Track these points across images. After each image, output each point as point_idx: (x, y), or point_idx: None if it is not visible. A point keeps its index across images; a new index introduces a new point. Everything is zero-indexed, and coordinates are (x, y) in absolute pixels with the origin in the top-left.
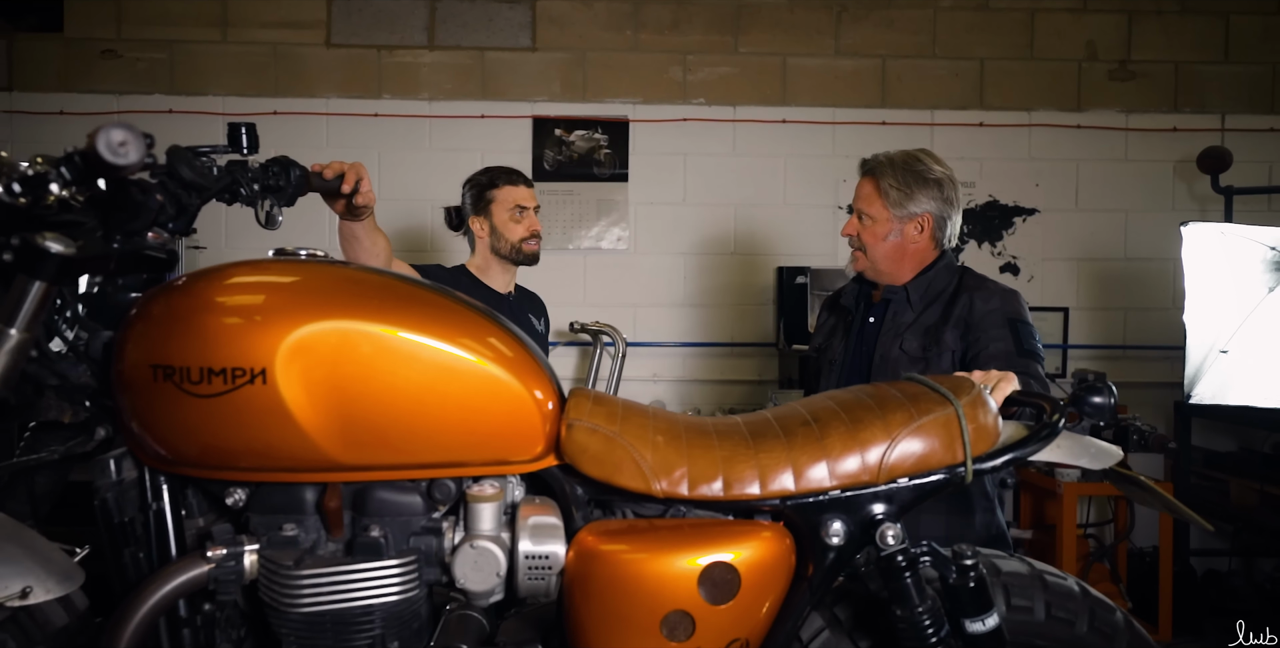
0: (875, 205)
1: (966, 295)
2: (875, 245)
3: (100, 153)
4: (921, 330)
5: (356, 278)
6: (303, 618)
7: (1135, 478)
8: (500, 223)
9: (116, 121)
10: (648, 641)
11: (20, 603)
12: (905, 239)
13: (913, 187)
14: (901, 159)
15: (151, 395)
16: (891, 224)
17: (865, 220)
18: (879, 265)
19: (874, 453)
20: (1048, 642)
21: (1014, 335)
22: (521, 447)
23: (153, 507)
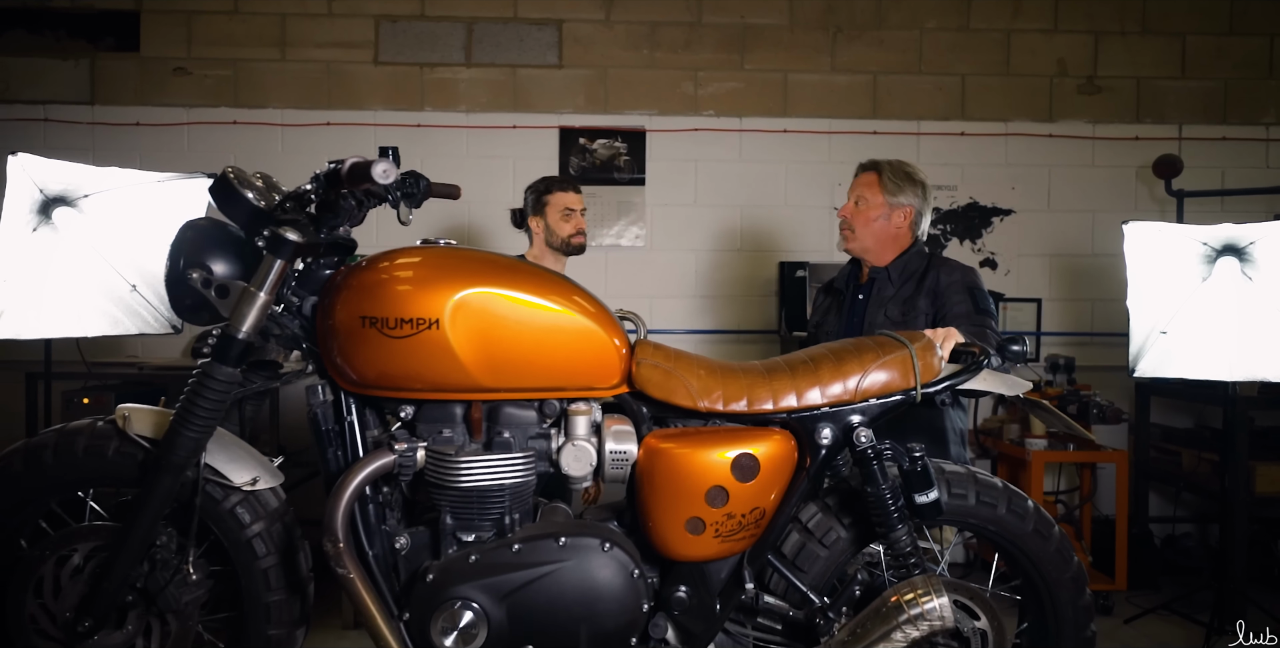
0: (873, 191)
1: (934, 271)
2: (865, 226)
3: (373, 175)
4: (900, 301)
5: (489, 258)
6: (458, 492)
7: (1040, 403)
8: (553, 222)
9: (380, 156)
10: (696, 507)
11: (251, 488)
12: (890, 224)
13: (904, 183)
14: (898, 163)
15: (358, 338)
16: (882, 209)
17: (861, 204)
18: (864, 243)
19: (852, 381)
20: (978, 520)
21: (971, 299)
22: (604, 378)
23: (346, 419)
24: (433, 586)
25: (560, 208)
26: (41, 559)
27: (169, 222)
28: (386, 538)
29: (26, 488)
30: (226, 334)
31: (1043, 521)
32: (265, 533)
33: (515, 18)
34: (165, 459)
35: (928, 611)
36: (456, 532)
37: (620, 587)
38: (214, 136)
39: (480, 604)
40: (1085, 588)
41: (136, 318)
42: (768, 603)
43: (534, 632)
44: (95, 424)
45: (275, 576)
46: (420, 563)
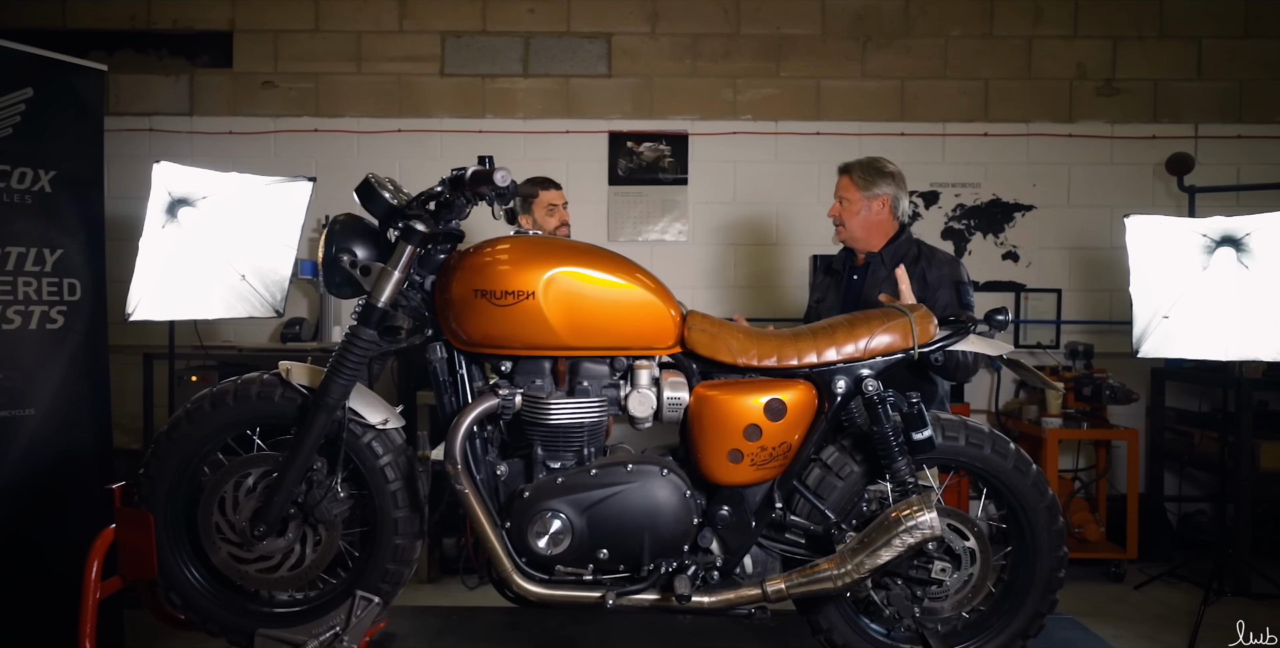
0: (849, 190)
1: (924, 262)
2: (851, 219)
3: (496, 181)
4: (893, 283)
5: (570, 244)
6: (548, 429)
7: (1018, 361)
8: (540, 217)
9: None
10: (735, 441)
11: (383, 427)
12: (872, 213)
13: (873, 176)
14: (866, 161)
15: (471, 307)
16: (861, 203)
17: (844, 203)
18: (855, 233)
19: (862, 342)
20: (967, 458)
21: (956, 294)
22: (662, 339)
23: (458, 372)
24: (529, 500)
25: (545, 205)
26: (224, 481)
27: (274, 219)
28: (489, 467)
29: (214, 424)
30: (369, 304)
31: (1021, 459)
32: (393, 463)
33: (568, 32)
34: (321, 401)
35: (920, 522)
36: (546, 460)
37: (675, 505)
38: (298, 143)
39: (566, 515)
40: (1058, 516)
41: (246, 303)
42: (794, 521)
43: (607, 538)
44: (263, 377)
45: (401, 496)
46: (514, 487)
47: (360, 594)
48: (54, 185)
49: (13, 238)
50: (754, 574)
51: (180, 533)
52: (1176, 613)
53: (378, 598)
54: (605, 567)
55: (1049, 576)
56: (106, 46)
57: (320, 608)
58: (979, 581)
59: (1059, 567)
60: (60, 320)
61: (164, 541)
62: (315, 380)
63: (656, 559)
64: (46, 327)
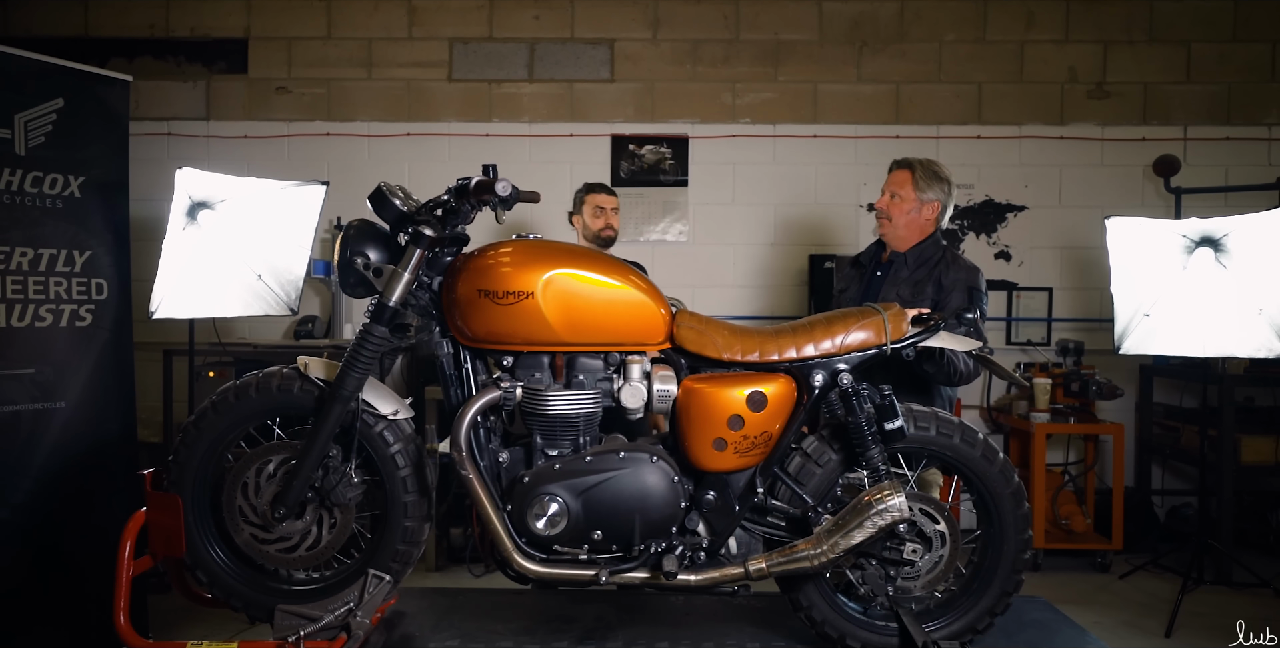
0: (907, 188)
1: (945, 265)
2: (899, 216)
3: (498, 192)
4: (912, 283)
5: (568, 248)
6: (546, 419)
7: (987, 358)
8: (587, 218)
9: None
10: (720, 430)
11: (393, 418)
12: (920, 216)
13: (933, 181)
14: (928, 162)
15: (475, 306)
16: (914, 203)
17: (895, 198)
18: (898, 231)
19: (838, 338)
20: (938, 447)
21: (969, 299)
22: (653, 336)
23: (465, 366)
24: (528, 485)
25: (592, 206)
26: (247, 467)
27: (289, 221)
28: (492, 454)
29: (237, 414)
30: (381, 303)
31: (989, 449)
32: (403, 451)
33: (572, 38)
34: (337, 392)
35: (890, 505)
36: (544, 448)
37: (664, 489)
38: (310, 147)
39: (563, 498)
40: (1024, 501)
41: (262, 302)
42: (774, 505)
43: (601, 520)
44: (283, 370)
45: (410, 482)
46: (516, 472)
47: (373, 573)
48: (83, 190)
49: (45, 240)
50: (738, 555)
51: (206, 515)
52: (1158, 601)
53: (389, 576)
54: (599, 547)
55: (1015, 557)
56: (127, 54)
57: (335, 586)
58: (949, 562)
59: (1024, 549)
60: (89, 318)
61: (191, 522)
62: (331, 374)
63: (647, 540)
64: (76, 324)
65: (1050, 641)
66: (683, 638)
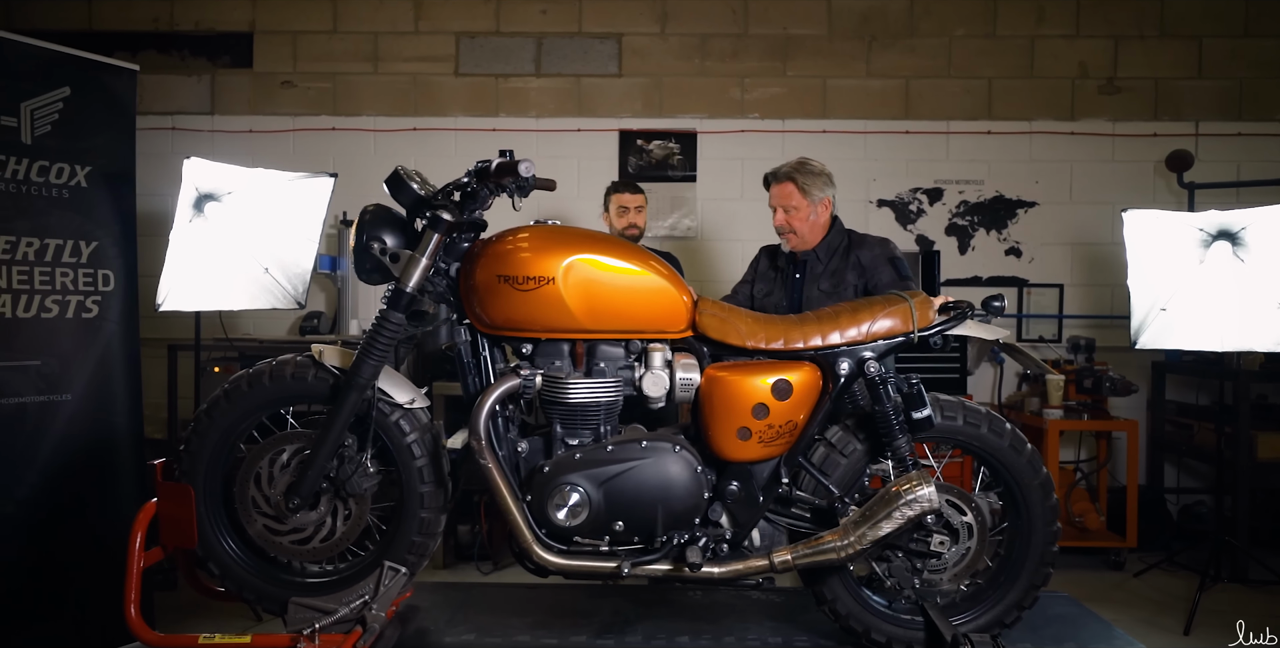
0: (795, 198)
1: (856, 248)
2: (801, 226)
3: (520, 172)
4: (829, 275)
5: (588, 233)
6: (566, 408)
7: (1014, 346)
8: (613, 216)
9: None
10: (744, 419)
11: (410, 406)
12: (819, 218)
13: (814, 180)
14: (798, 165)
15: (494, 292)
16: (809, 209)
17: (790, 212)
18: (805, 239)
19: (864, 326)
20: (965, 437)
21: (894, 269)
22: (674, 323)
23: (482, 354)
24: (549, 475)
25: (616, 206)
26: (260, 457)
27: (296, 214)
28: (511, 444)
29: (251, 403)
30: (398, 289)
31: (1017, 439)
32: (419, 440)
33: (580, 32)
34: (353, 380)
35: (919, 495)
36: (564, 437)
37: (687, 479)
38: (316, 141)
39: (584, 488)
40: (1051, 492)
41: (269, 295)
42: (799, 496)
43: (623, 510)
44: (296, 358)
45: (427, 472)
46: (534, 463)
47: (388, 565)
48: (89, 180)
49: (51, 230)
50: (761, 547)
51: (218, 506)
52: (1174, 599)
53: (404, 569)
54: (620, 538)
55: (1043, 550)
56: (131, 47)
57: (350, 578)
58: (976, 554)
59: (1052, 541)
60: (95, 310)
61: (203, 513)
62: (345, 362)
63: (669, 531)
64: (83, 316)
65: (1076, 635)
66: (703, 632)
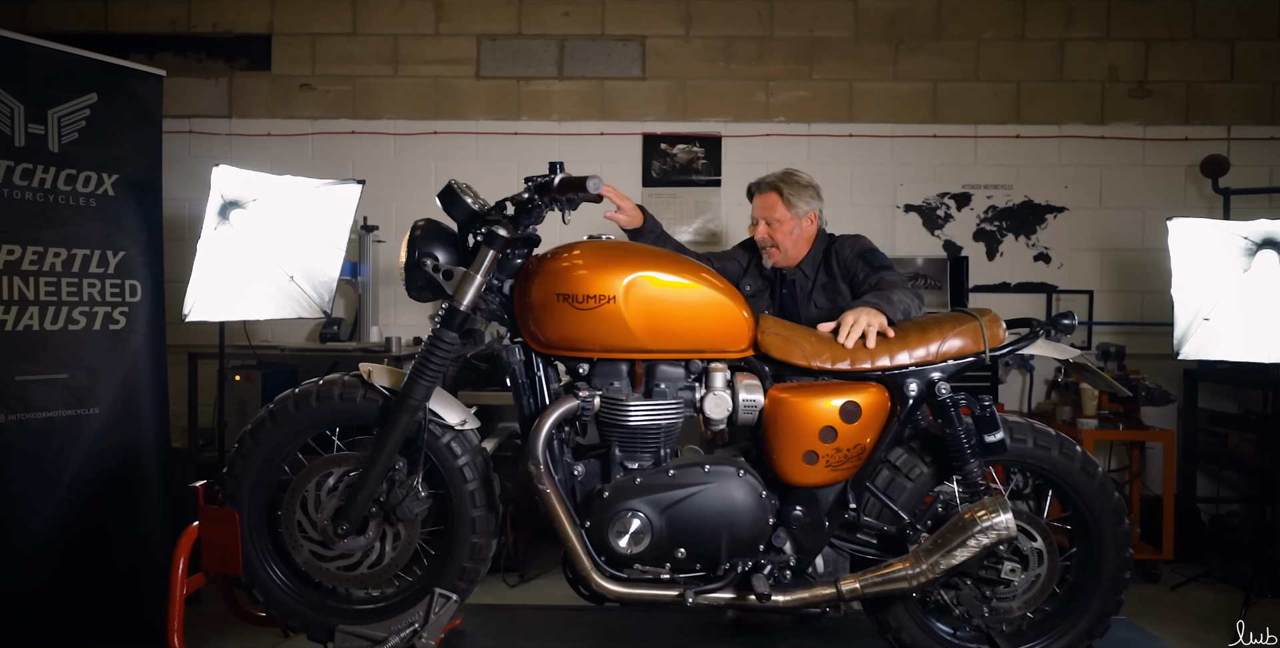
0: (779, 209)
1: (833, 253)
2: (785, 239)
3: (589, 189)
4: (821, 290)
5: (647, 249)
6: (626, 430)
7: (1087, 365)
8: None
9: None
10: (811, 443)
11: (461, 428)
12: (803, 231)
13: (801, 192)
14: (784, 175)
15: (552, 310)
16: (793, 221)
17: (773, 224)
18: (789, 253)
19: (934, 346)
20: (1035, 460)
21: (866, 263)
22: (736, 342)
23: (537, 374)
24: (609, 500)
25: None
26: (307, 481)
27: (323, 221)
28: (566, 467)
29: (297, 424)
30: (451, 307)
31: (1089, 462)
32: (471, 463)
33: (603, 35)
34: (404, 401)
35: (995, 522)
36: (623, 461)
37: (752, 505)
38: (335, 145)
39: (646, 515)
40: (1124, 517)
41: (294, 304)
42: (866, 521)
43: (685, 537)
44: (344, 378)
45: (479, 495)
46: (591, 486)
47: (438, 592)
48: (116, 189)
49: (78, 240)
50: (825, 573)
51: (262, 531)
52: (1214, 613)
53: (455, 596)
54: (682, 566)
55: (1115, 576)
56: (147, 50)
57: (398, 605)
58: (1045, 581)
59: (1125, 568)
60: (122, 321)
61: (247, 538)
62: (395, 382)
63: (733, 558)
64: (110, 327)
65: None
66: None
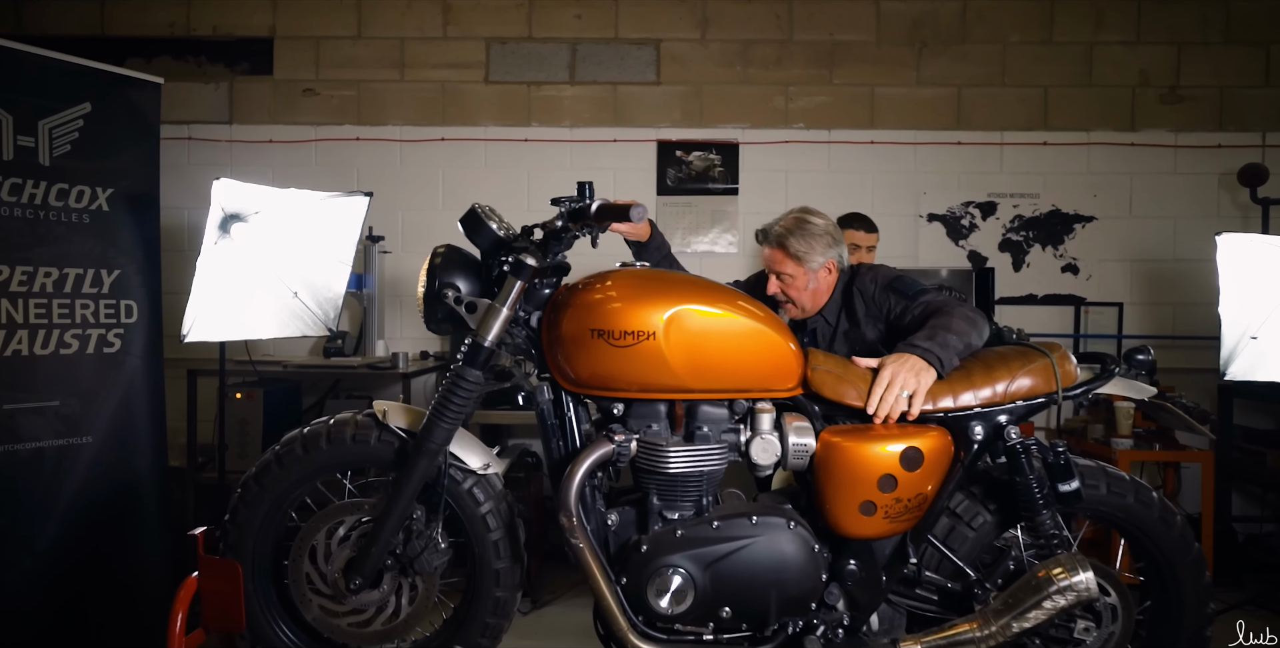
0: (788, 265)
1: (858, 296)
2: (800, 295)
3: (632, 218)
4: (842, 338)
5: (687, 279)
6: (666, 477)
7: (1165, 406)
8: None
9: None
10: (869, 493)
11: (484, 472)
12: (820, 283)
13: (811, 243)
14: (791, 224)
15: (586, 347)
16: (807, 276)
17: (785, 279)
18: (807, 307)
19: (1001, 386)
20: (1109, 508)
21: (897, 293)
22: (784, 380)
23: (567, 415)
24: (647, 555)
25: (849, 243)
26: (316, 530)
27: (328, 234)
28: (599, 517)
29: (306, 468)
30: (475, 343)
31: (1166, 509)
32: (495, 510)
33: (616, 38)
34: (423, 445)
35: (1074, 583)
36: (662, 511)
37: (804, 560)
38: (339, 152)
39: (688, 571)
40: (1205, 570)
41: (299, 321)
42: (928, 577)
43: (731, 595)
44: (357, 418)
45: (503, 546)
46: (626, 537)
47: None
48: (111, 204)
49: (70, 259)
50: (880, 631)
51: (268, 583)
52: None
53: None
54: (727, 626)
55: (1195, 634)
56: (145, 54)
57: None
58: (1120, 640)
59: (1206, 625)
60: (117, 344)
61: (251, 591)
62: (412, 422)
63: (782, 618)
64: (104, 351)
65: None
66: None
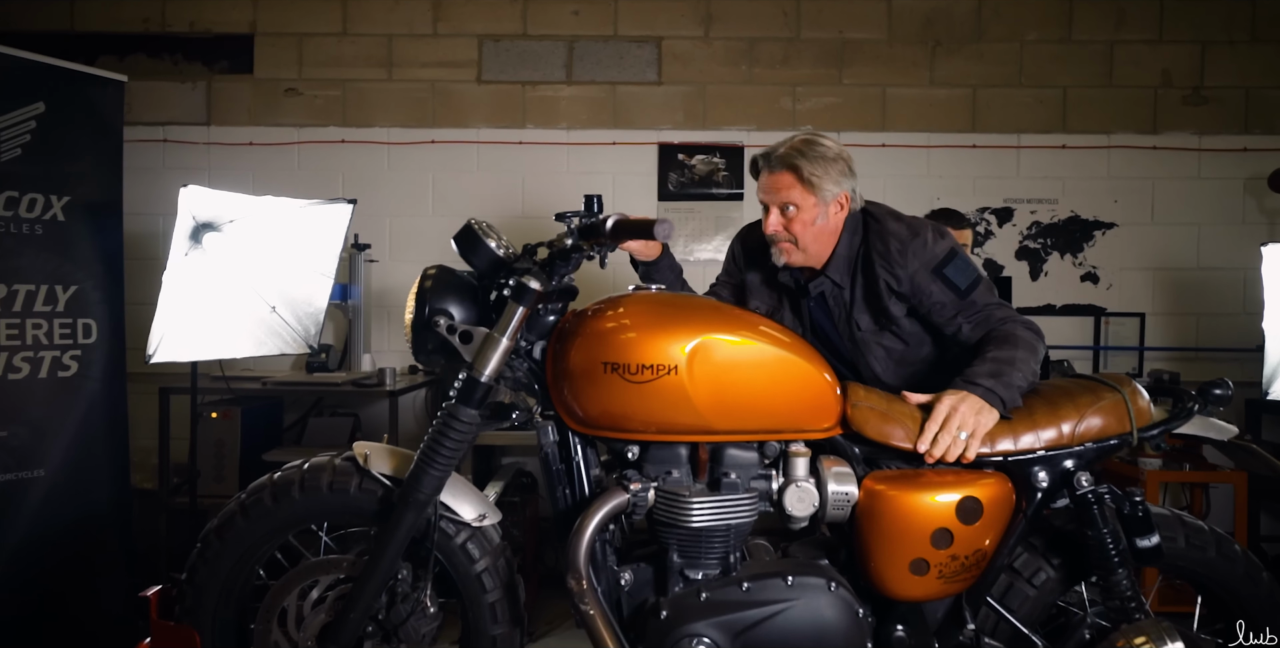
0: (796, 193)
1: (883, 255)
2: (805, 233)
3: (657, 237)
4: (862, 304)
5: (709, 304)
6: (688, 532)
7: (1249, 447)
8: None
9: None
10: (921, 549)
11: (479, 524)
12: (829, 221)
13: (828, 169)
14: (803, 146)
15: (598, 382)
16: (817, 209)
17: (790, 211)
18: (810, 251)
19: (1067, 426)
20: (1188, 563)
21: (945, 282)
22: (822, 419)
23: (575, 460)
24: (668, 622)
25: None
26: (286, 591)
27: (309, 244)
28: (611, 575)
29: (275, 520)
30: (471, 378)
31: (1251, 564)
32: (491, 568)
33: (615, 36)
34: (410, 496)
35: None
36: (684, 569)
37: (846, 626)
38: (323, 155)
39: (714, 641)
40: None
41: (277, 338)
42: (987, 644)
43: None
44: (335, 462)
45: (500, 609)
46: (641, 598)
47: None
48: (67, 213)
49: (19, 274)
50: None
51: None
52: None
53: None
54: None
55: None
56: (118, 51)
57: None
58: None
59: None
60: (73, 367)
61: None
62: (398, 467)
63: None
64: (58, 374)
65: None
66: None
